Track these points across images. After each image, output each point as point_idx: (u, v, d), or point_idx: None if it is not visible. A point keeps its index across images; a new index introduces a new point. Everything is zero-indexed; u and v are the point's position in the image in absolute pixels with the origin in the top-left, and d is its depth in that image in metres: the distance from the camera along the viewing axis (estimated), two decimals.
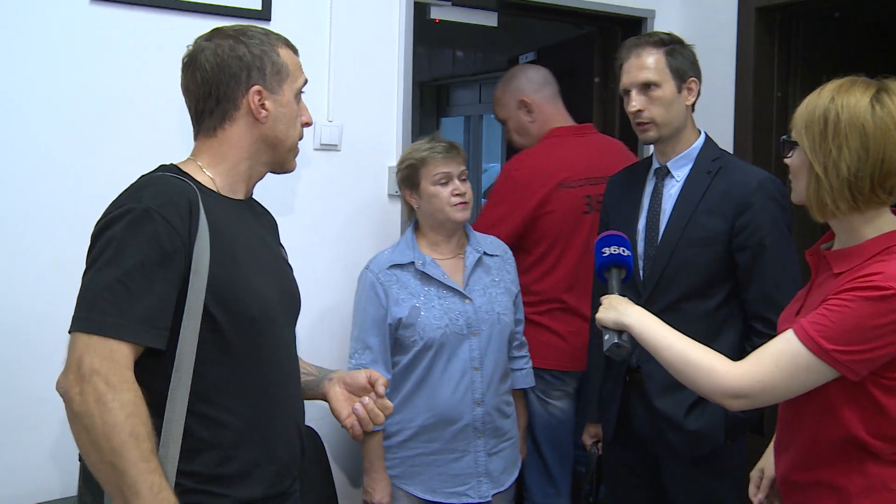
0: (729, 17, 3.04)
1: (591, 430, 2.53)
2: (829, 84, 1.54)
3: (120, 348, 1.29)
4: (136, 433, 1.26)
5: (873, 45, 3.23)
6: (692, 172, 2.21)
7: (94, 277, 1.34)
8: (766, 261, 2.11)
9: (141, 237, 1.33)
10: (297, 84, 1.58)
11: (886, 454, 1.52)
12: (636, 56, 2.19)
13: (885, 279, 1.42)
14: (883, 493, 1.51)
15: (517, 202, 2.63)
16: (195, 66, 1.51)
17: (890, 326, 1.43)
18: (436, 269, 2.27)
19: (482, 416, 2.26)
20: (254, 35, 1.53)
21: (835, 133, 1.47)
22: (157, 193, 1.39)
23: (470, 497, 2.27)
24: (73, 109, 2.20)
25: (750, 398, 1.55)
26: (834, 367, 1.46)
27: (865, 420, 1.51)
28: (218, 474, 1.42)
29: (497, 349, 2.31)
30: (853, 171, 1.47)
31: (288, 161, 1.62)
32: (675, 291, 2.16)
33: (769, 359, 1.53)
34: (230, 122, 1.52)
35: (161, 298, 1.35)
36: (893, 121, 1.46)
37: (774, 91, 3.06)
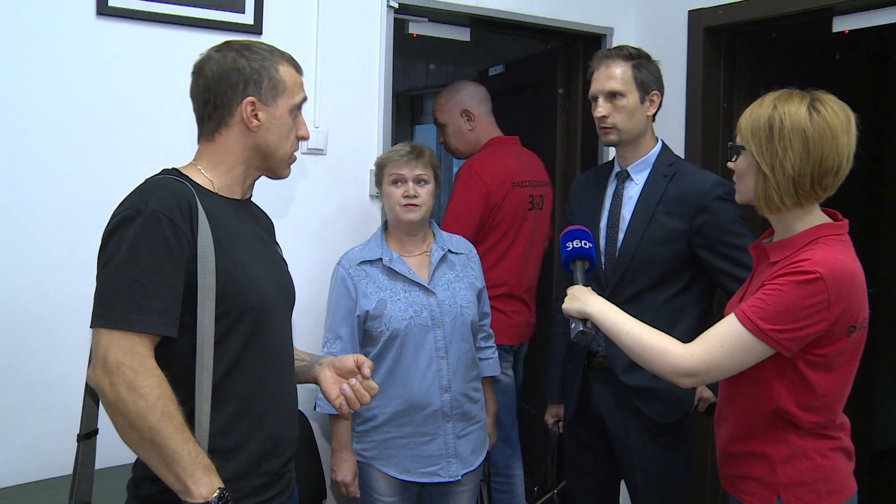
0: (679, 35, 3.13)
1: (553, 410, 2.61)
2: (768, 95, 1.66)
3: (142, 341, 1.37)
4: (167, 412, 1.34)
5: (803, 62, 3.38)
6: (650, 176, 2.29)
7: (111, 276, 1.39)
8: (730, 251, 2.18)
9: (150, 237, 1.39)
10: (294, 100, 1.61)
11: (808, 426, 1.64)
12: (606, 66, 2.27)
13: (812, 265, 1.54)
14: (802, 460, 1.64)
15: (483, 196, 2.81)
16: (200, 73, 1.57)
17: (817, 307, 1.53)
18: (402, 265, 2.34)
19: (450, 401, 2.32)
20: (258, 50, 1.58)
21: (780, 137, 1.58)
22: (162, 196, 1.43)
23: (441, 476, 2.33)
24: (79, 117, 2.25)
25: (699, 376, 1.65)
26: (770, 345, 1.57)
27: (793, 393, 1.62)
28: (214, 447, 1.46)
29: (461, 339, 2.35)
30: (797, 170, 1.58)
31: (280, 169, 1.65)
32: (638, 284, 2.24)
33: (715, 340, 1.63)
34: (225, 128, 1.57)
35: (172, 292, 1.40)
36: (828, 126, 1.57)
37: (720, 102, 3.14)
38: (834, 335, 1.57)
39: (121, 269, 1.38)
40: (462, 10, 2.90)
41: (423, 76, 6.74)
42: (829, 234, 1.62)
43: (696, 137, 3.09)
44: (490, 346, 2.59)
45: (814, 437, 1.65)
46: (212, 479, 1.37)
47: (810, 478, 1.64)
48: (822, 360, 1.60)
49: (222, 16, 2.41)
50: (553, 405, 2.61)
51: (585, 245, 1.97)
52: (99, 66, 2.27)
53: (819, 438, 1.65)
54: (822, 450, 1.65)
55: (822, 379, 1.61)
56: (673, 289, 2.25)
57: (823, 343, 1.58)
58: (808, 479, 1.64)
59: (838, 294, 1.54)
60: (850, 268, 1.58)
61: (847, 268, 1.57)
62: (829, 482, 1.64)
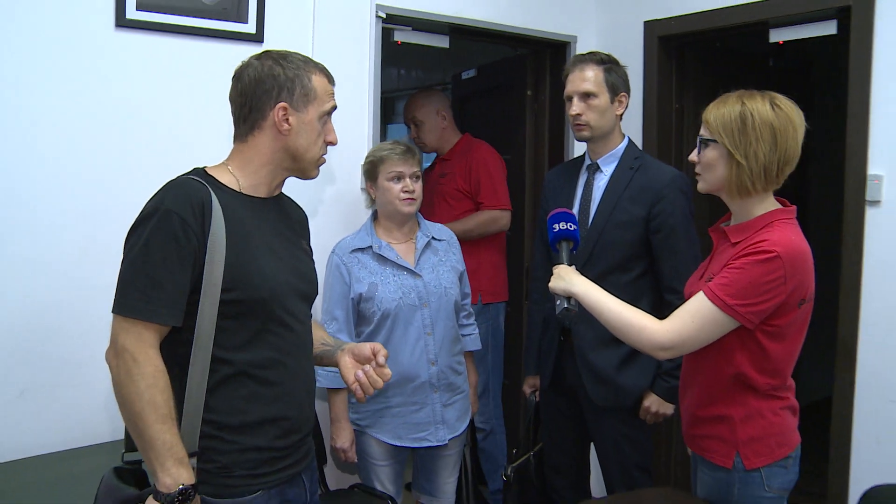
0: (636, 43, 3.33)
1: (530, 381, 2.78)
2: (730, 95, 1.79)
3: (148, 330, 1.47)
4: (153, 401, 1.44)
5: (742, 68, 3.67)
6: (617, 168, 2.47)
7: (127, 268, 1.50)
8: (674, 242, 2.38)
9: (163, 235, 1.48)
10: (323, 107, 1.67)
11: (764, 388, 1.77)
12: (580, 70, 2.44)
13: (771, 244, 1.67)
14: (758, 419, 1.78)
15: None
16: (239, 79, 1.64)
17: (776, 282, 1.66)
18: (390, 252, 2.46)
19: (437, 373, 2.46)
20: (293, 60, 1.65)
21: (752, 129, 1.70)
22: (177, 196, 1.51)
23: (430, 441, 2.48)
24: (98, 122, 2.34)
25: (674, 349, 1.75)
26: (735, 319, 1.69)
27: (751, 360, 1.75)
28: (230, 423, 1.56)
29: (446, 317, 2.49)
30: (768, 158, 1.71)
31: (310, 170, 1.72)
32: (602, 265, 2.40)
33: (687, 315, 1.74)
34: (259, 130, 1.64)
35: (180, 285, 1.49)
36: (790, 120, 1.72)
37: (673, 103, 3.37)
38: (787, 307, 1.70)
39: (135, 262, 1.48)
40: (442, 20, 3.09)
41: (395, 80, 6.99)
42: (782, 217, 1.75)
43: (653, 133, 3.31)
44: (471, 323, 2.74)
45: (768, 398, 1.78)
46: (180, 473, 1.45)
47: (764, 433, 1.77)
48: (776, 329, 1.72)
49: (228, 26, 2.55)
50: (530, 376, 2.77)
51: (571, 227, 2.05)
52: (118, 74, 2.38)
53: (772, 399, 1.79)
54: (775, 408, 1.79)
55: (776, 347, 1.74)
56: (633, 273, 2.42)
57: (779, 314, 1.70)
58: (763, 434, 1.77)
59: (793, 270, 1.67)
60: (801, 247, 1.71)
61: (799, 247, 1.70)
62: (780, 436, 1.79)
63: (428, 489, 2.65)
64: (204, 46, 2.54)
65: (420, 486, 2.68)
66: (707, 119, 1.79)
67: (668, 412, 2.46)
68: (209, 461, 1.56)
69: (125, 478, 1.62)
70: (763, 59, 3.98)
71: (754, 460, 1.78)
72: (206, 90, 2.48)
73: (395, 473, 2.56)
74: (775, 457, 1.79)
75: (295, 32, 2.73)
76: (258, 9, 2.63)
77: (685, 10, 3.20)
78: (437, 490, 2.64)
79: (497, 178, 3.35)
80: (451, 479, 2.65)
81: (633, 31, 3.38)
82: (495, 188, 3.32)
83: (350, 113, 2.87)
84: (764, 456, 1.78)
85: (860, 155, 2.65)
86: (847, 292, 2.70)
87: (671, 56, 3.37)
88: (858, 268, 2.67)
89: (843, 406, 2.72)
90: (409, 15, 3.02)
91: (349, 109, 2.86)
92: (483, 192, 3.31)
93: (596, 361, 2.44)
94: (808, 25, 2.92)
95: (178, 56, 2.49)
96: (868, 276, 2.66)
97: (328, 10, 2.80)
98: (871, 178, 2.63)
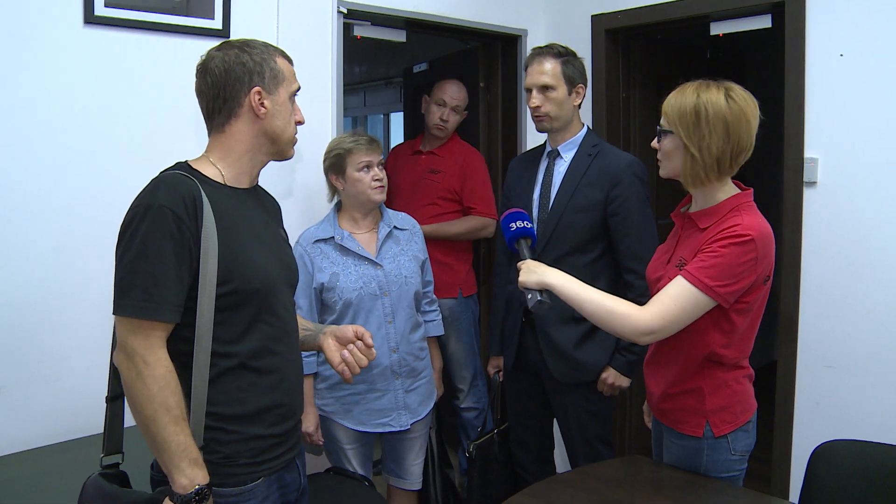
0: (584, 35, 3.40)
1: (494, 361, 2.82)
2: (688, 85, 1.79)
3: (155, 328, 1.45)
4: (166, 404, 1.42)
5: (682, 59, 3.77)
6: (577, 155, 2.52)
7: (126, 268, 1.46)
8: (631, 225, 2.43)
9: (159, 231, 1.45)
10: (291, 88, 1.68)
11: (730, 360, 1.82)
12: (538, 63, 2.48)
13: (745, 228, 1.70)
14: (724, 389, 1.84)
15: None
16: (206, 71, 1.61)
17: (749, 263, 1.70)
18: (352, 242, 2.46)
19: (398, 360, 2.47)
20: (255, 46, 1.64)
21: (706, 122, 1.72)
22: (169, 192, 1.48)
23: (392, 426, 2.50)
24: (69, 120, 2.30)
25: (658, 332, 1.76)
26: (715, 299, 1.72)
27: (723, 337, 1.79)
28: (231, 414, 1.56)
29: (406, 306, 2.49)
30: (720, 150, 1.73)
31: (287, 150, 1.72)
32: (562, 247, 2.45)
33: (669, 299, 1.74)
34: (235, 118, 1.62)
35: (179, 282, 1.47)
36: (743, 112, 1.73)
37: (620, 92, 3.46)
38: (756, 285, 1.75)
39: (134, 261, 1.45)
40: (399, 14, 3.11)
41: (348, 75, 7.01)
42: (744, 201, 1.79)
43: (602, 121, 3.39)
44: (434, 309, 2.75)
45: (733, 369, 1.84)
46: (195, 473, 1.44)
47: (730, 402, 1.83)
48: (745, 306, 1.77)
49: (195, 22, 2.53)
50: (494, 357, 2.82)
51: (527, 225, 2.08)
52: (87, 71, 2.33)
53: (735, 369, 1.85)
54: (738, 377, 1.85)
55: (743, 322, 1.79)
56: (592, 254, 2.48)
57: (749, 292, 1.75)
58: (729, 403, 1.83)
59: (763, 251, 1.71)
60: (767, 228, 1.76)
61: (767, 229, 1.75)
62: (742, 403, 1.86)
63: (396, 471, 2.68)
64: (171, 42, 2.50)
65: (388, 468, 2.71)
66: (665, 111, 1.81)
67: (624, 385, 2.53)
68: (213, 452, 1.55)
69: (111, 481, 1.59)
70: (702, 51, 4.12)
71: (722, 427, 1.84)
72: (175, 86, 2.44)
73: (363, 456, 2.58)
74: (739, 422, 1.86)
75: (260, 28, 2.71)
76: (224, 5, 2.61)
77: (630, 4, 3.27)
78: (404, 472, 2.67)
79: (488, 186, 3.41)
80: (417, 460, 2.68)
81: (580, 24, 3.45)
82: (487, 196, 3.37)
83: (315, 106, 2.87)
84: (730, 423, 1.85)
85: (797, 139, 2.77)
86: (788, 269, 2.82)
87: (617, 49, 3.44)
88: (798, 246, 2.79)
89: (786, 374, 2.85)
90: (369, 10, 3.02)
91: (314, 103, 2.86)
92: (476, 198, 3.35)
93: (557, 338, 2.49)
94: (745, 19, 3.02)
95: (146, 52, 2.46)
96: (806, 253, 2.79)
97: (292, 6, 2.79)
98: (807, 161, 2.75)
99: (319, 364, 2.52)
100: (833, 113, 2.70)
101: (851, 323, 2.69)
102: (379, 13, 3.06)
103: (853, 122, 2.66)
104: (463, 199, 3.37)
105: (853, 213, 2.67)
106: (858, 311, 2.67)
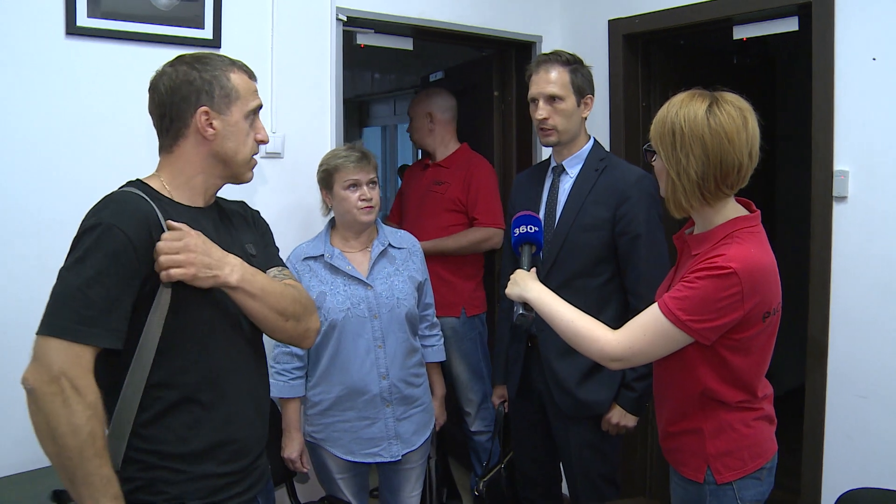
0: (601, 41, 3.21)
1: (499, 391, 2.63)
2: (675, 97, 1.63)
3: (84, 352, 1.32)
4: (94, 434, 1.30)
5: (706, 65, 3.56)
6: (582, 170, 2.32)
7: (60, 285, 1.36)
8: (640, 246, 2.22)
9: (101, 250, 1.35)
10: (248, 106, 1.55)
11: (733, 401, 1.65)
12: (545, 71, 2.28)
13: (726, 260, 1.53)
14: (729, 432, 1.66)
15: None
16: (155, 89, 1.52)
17: (731, 299, 1.52)
18: (342, 261, 2.33)
19: (388, 387, 2.31)
20: (209, 61, 1.52)
21: (682, 144, 1.55)
22: (118, 210, 1.39)
23: (382, 457, 2.33)
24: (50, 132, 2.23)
25: (625, 360, 1.65)
26: (689, 334, 1.57)
27: (716, 374, 1.63)
28: (177, 452, 1.45)
29: (398, 329, 2.33)
30: (700, 174, 1.55)
31: (242, 174, 1.60)
32: (569, 270, 2.26)
33: (639, 328, 1.62)
34: (182, 139, 1.52)
35: (117, 304, 1.35)
36: (724, 130, 1.54)
37: (640, 101, 3.24)
38: (750, 322, 1.58)
39: (69, 279, 1.35)
40: (404, 22, 2.96)
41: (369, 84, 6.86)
42: (744, 226, 1.61)
43: (620, 133, 3.19)
44: (435, 333, 2.58)
45: (739, 411, 1.67)
46: None
47: (736, 446, 1.66)
48: (739, 343, 1.60)
49: (184, 32, 2.41)
50: (499, 386, 2.63)
51: (532, 229, 1.95)
52: (70, 84, 2.25)
53: (743, 411, 1.67)
54: (747, 420, 1.67)
55: (741, 361, 1.62)
56: (601, 278, 2.28)
57: (741, 329, 1.58)
58: (734, 447, 1.66)
59: (752, 286, 1.53)
60: (762, 261, 1.57)
61: (760, 261, 1.56)
62: (753, 448, 1.67)
63: (392, 502, 2.53)
64: (159, 53, 2.27)
65: (384, 499, 2.56)
66: (652, 126, 1.66)
67: (630, 424, 2.32)
68: (159, 493, 1.44)
69: None
70: (728, 56, 3.88)
71: (726, 474, 1.66)
72: None
73: (356, 486, 2.44)
74: (748, 470, 1.67)
75: (253, 37, 2.60)
76: (215, 14, 2.49)
77: (649, 7, 3.07)
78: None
79: (494, 196, 3.21)
80: (414, 493, 2.51)
81: (597, 29, 3.27)
82: (491, 206, 3.17)
83: (313, 118, 2.77)
84: (735, 470, 1.67)
85: (826, 150, 2.54)
86: (816, 290, 2.58)
87: (636, 55, 3.25)
88: (827, 265, 2.56)
89: (815, 404, 2.60)
90: (371, 17, 2.89)
91: (312, 115, 2.76)
92: (480, 208, 3.17)
93: (560, 371, 2.30)
94: (770, 22, 2.80)
95: (133, 63, 2.34)
96: (836, 273, 2.55)
97: (287, 14, 2.66)
98: (837, 174, 2.51)
99: (308, 388, 2.38)
100: (865, 122, 2.46)
101: (887, 349, 2.44)
102: (381, 20, 2.92)
103: (887, 132, 2.41)
104: (468, 210, 3.19)
105: (886, 230, 2.43)
106: (894, 336, 2.42)
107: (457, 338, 3.16)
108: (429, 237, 3.07)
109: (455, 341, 3.14)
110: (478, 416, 3.22)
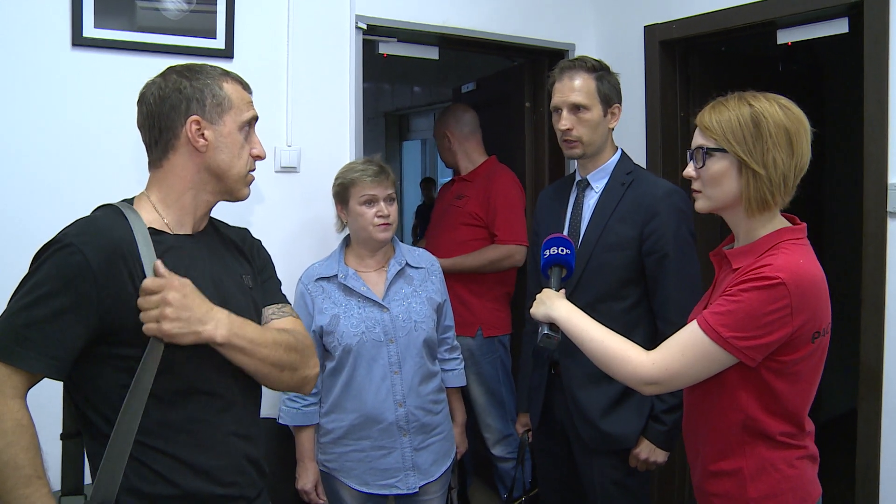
0: (637, 48, 3.05)
1: (522, 419, 2.45)
2: (728, 98, 1.51)
3: (13, 376, 1.22)
4: (14, 462, 1.18)
5: (750, 72, 3.24)
6: (608, 184, 2.14)
7: (9, 304, 1.27)
8: (668, 266, 2.03)
9: (54, 270, 1.25)
10: (242, 117, 1.45)
11: (778, 435, 1.49)
12: (569, 78, 2.10)
13: (774, 270, 1.38)
14: (771, 472, 1.49)
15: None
16: (143, 101, 1.44)
17: (780, 312, 1.38)
18: (356, 282, 2.18)
19: (405, 415, 2.16)
20: (200, 70, 1.44)
21: (767, 133, 1.43)
22: (82, 230, 1.30)
23: (399, 489, 2.18)
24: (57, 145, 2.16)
25: (661, 384, 1.50)
26: (732, 354, 1.41)
27: (760, 401, 1.47)
28: (160, 494, 1.34)
29: (416, 354, 2.19)
30: (787, 165, 1.44)
31: (237, 190, 1.48)
32: (593, 292, 2.07)
33: (676, 348, 1.47)
34: (172, 151, 1.42)
35: (62, 331, 1.24)
36: (800, 121, 1.46)
37: (678, 111, 3.07)
38: (798, 342, 1.42)
39: (15, 297, 1.27)
40: (428, 30, 2.82)
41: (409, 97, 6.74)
42: (790, 238, 1.48)
43: (657, 144, 3.02)
44: (455, 357, 2.42)
45: (782, 448, 1.50)
46: None
47: (779, 489, 1.49)
48: (785, 367, 1.44)
49: (195, 42, 2.31)
50: (522, 414, 2.46)
51: (562, 252, 1.79)
52: (76, 96, 2.18)
53: (787, 448, 1.51)
54: (790, 459, 1.51)
55: (787, 388, 1.47)
56: (628, 301, 2.09)
57: (788, 350, 1.43)
58: (777, 490, 1.49)
59: (802, 300, 1.39)
60: (812, 272, 1.42)
61: (809, 272, 1.42)
62: (797, 491, 1.50)
63: None
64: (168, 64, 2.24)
65: None
66: (707, 125, 1.49)
67: (660, 460, 2.10)
68: None
69: None
70: (772, 62, 3.62)
71: None
72: None
73: None
74: None
75: (268, 46, 2.49)
76: (227, 23, 2.38)
77: (686, 12, 2.88)
78: None
79: (515, 210, 3.01)
80: None
81: (632, 36, 3.09)
82: (511, 221, 2.97)
83: (330, 131, 2.65)
84: None
85: (880, 162, 2.29)
86: (869, 312, 2.33)
87: (674, 62, 3.06)
88: (882, 285, 2.30)
89: (869, 437, 2.34)
90: (393, 25, 2.75)
91: (329, 128, 2.64)
92: (499, 223, 2.98)
93: (583, 400, 2.11)
94: (817, 25, 2.57)
95: (140, 75, 2.13)
96: (891, 294, 2.29)
97: (303, 22, 2.55)
98: (892, 188, 2.27)
99: (322, 416, 2.23)
100: None
101: None
102: (404, 28, 2.78)
103: None
104: (488, 225, 3.02)
105: None
106: None
107: (473, 360, 2.99)
108: (446, 252, 2.93)
109: (471, 363, 2.96)
110: (500, 443, 3.03)
